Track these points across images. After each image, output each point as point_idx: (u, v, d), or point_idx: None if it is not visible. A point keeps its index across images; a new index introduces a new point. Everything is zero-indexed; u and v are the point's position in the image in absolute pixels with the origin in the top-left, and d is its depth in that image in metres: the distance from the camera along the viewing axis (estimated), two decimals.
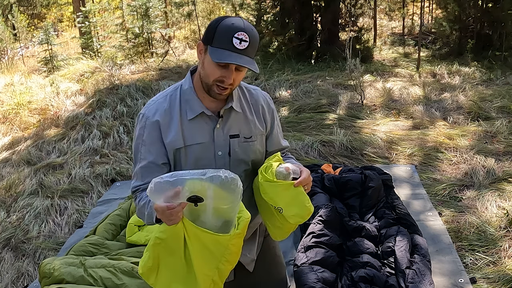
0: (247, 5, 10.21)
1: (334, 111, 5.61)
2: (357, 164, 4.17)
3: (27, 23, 16.55)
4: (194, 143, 1.60)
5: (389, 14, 12.81)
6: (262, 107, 1.73)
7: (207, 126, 1.62)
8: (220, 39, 1.48)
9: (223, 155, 1.64)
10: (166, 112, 1.61)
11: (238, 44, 1.47)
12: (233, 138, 1.64)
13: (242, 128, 1.66)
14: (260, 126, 1.71)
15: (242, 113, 1.67)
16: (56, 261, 2.50)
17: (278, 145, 1.79)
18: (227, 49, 1.48)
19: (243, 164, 1.67)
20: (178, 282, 1.49)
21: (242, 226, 1.47)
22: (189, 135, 1.60)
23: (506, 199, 3.39)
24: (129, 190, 3.82)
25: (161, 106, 1.62)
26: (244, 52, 1.49)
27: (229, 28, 1.48)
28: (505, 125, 4.73)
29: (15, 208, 3.91)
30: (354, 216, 2.94)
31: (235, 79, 1.55)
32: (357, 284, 2.31)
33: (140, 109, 5.85)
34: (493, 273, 2.64)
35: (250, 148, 1.68)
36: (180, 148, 1.60)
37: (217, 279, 1.50)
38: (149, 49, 9.98)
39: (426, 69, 7.41)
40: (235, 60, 1.47)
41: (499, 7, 7.86)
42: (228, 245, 1.45)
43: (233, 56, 1.47)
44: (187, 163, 1.61)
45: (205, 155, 1.62)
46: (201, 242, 1.44)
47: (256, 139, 1.69)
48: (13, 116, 6.37)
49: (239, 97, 1.68)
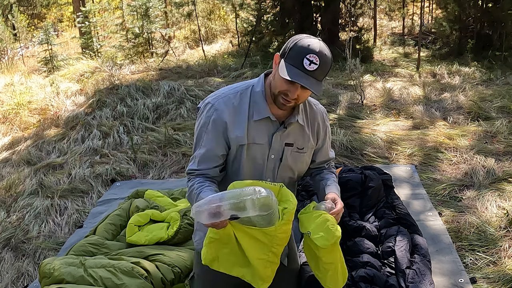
0: (247, 5, 10.21)
1: (334, 111, 5.61)
2: (357, 164, 4.17)
3: (27, 23, 16.56)
4: (254, 143, 1.72)
5: (389, 14, 12.81)
6: (318, 124, 1.86)
7: (268, 130, 1.74)
8: (293, 57, 1.59)
9: (275, 159, 1.77)
10: (235, 109, 1.71)
11: (308, 65, 1.56)
12: (287, 146, 1.77)
13: (298, 139, 1.79)
14: (312, 140, 1.84)
15: (303, 126, 1.80)
16: (56, 261, 2.50)
17: (326, 157, 1.95)
18: (297, 67, 1.57)
19: (289, 171, 1.82)
20: (238, 265, 1.67)
21: (287, 217, 1.62)
22: (252, 135, 1.72)
23: (506, 199, 3.39)
24: (129, 190, 3.84)
25: (230, 101, 1.73)
26: (312, 73, 1.57)
27: (304, 49, 1.58)
28: (505, 125, 4.73)
29: (15, 208, 3.91)
30: (354, 216, 2.94)
31: (300, 95, 1.64)
32: (357, 284, 2.31)
33: (140, 109, 5.88)
34: (493, 273, 2.64)
35: (300, 158, 1.82)
36: (243, 144, 1.71)
37: (273, 259, 1.67)
38: (149, 49, 9.99)
39: (426, 69, 7.41)
40: (299, 80, 1.57)
41: (499, 7, 7.87)
42: (276, 234, 1.61)
43: (300, 75, 1.57)
44: (246, 159, 1.74)
45: (260, 155, 1.75)
46: (249, 236, 1.60)
47: (307, 151, 1.83)
48: (13, 116, 6.37)
49: (303, 111, 1.80)
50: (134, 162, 4.62)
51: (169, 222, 2.96)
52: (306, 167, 1.88)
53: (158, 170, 4.45)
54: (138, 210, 3.11)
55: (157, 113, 5.92)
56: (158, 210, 3.12)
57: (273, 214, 1.58)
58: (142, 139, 5.14)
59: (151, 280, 2.35)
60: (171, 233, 2.80)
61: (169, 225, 2.92)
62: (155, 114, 5.88)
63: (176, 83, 6.73)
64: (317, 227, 1.66)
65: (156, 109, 5.98)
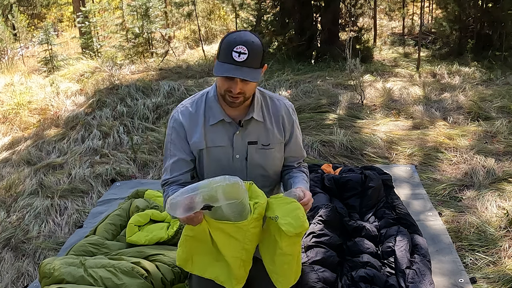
0: (247, 5, 10.20)
1: (334, 111, 5.60)
2: (357, 164, 4.17)
3: (27, 23, 16.55)
4: (214, 146, 1.79)
5: (389, 14, 12.81)
6: (282, 118, 1.86)
7: (227, 132, 1.79)
8: (223, 54, 1.62)
9: (240, 159, 1.81)
10: (192, 116, 1.80)
11: (237, 57, 1.59)
12: (251, 145, 1.80)
13: (261, 136, 1.81)
14: (278, 135, 1.84)
15: (262, 122, 1.81)
16: (56, 261, 2.50)
17: (295, 153, 1.94)
18: (228, 63, 1.60)
19: (260, 169, 1.84)
20: (212, 266, 1.70)
21: (258, 211, 1.64)
22: (210, 138, 1.78)
23: (506, 199, 3.39)
24: (129, 190, 3.84)
25: (187, 110, 1.82)
26: (243, 63, 1.60)
27: (230, 43, 1.61)
28: (505, 125, 4.73)
29: (15, 208, 3.91)
30: (354, 216, 2.94)
31: (243, 89, 1.67)
32: (357, 284, 2.31)
33: (140, 109, 5.88)
34: (493, 273, 2.64)
35: (268, 154, 1.83)
36: (202, 149, 1.78)
37: (246, 257, 1.68)
38: (149, 49, 9.98)
39: (426, 69, 7.41)
40: (231, 73, 1.60)
41: (499, 7, 7.86)
42: (248, 229, 1.63)
43: (232, 69, 1.60)
44: (209, 162, 1.81)
45: (224, 157, 1.80)
46: (224, 232, 1.63)
47: (274, 147, 1.84)
48: (13, 116, 6.37)
49: (261, 107, 1.82)
50: (134, 162, 4.62)
51: (169, 222, 2.96)
52: (279, 163, 1.88)
53: (158, 170, 4.45)
54: (138, 210, 3.11)
55: (157, 113, 5.92)
56: (158, 210, 3.12)
57: (244, 205, 1.61)
58: (142, 139, 5.14)
59: (151, 280, 2.35)
60: (171, 233, 2.80)
61: (169, 225, 2.92)
62: (155, 114, 5.88)
63: (176, 83, 6.73)
64: (286, 213, 1.64)
65: (156, 109, 5.98)
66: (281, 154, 1.87)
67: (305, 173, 1.95)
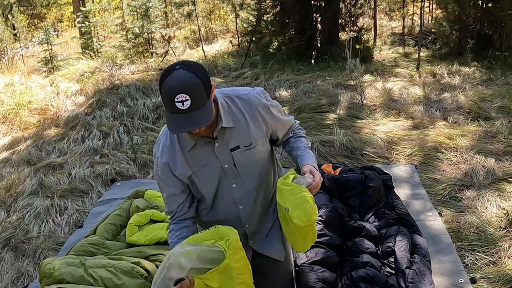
0: (247, 5, 10.20)
1: (334, 111, 5.61)
2: (357, 164, 4.17)
3: (27, 23, 16.55)
4: (200, 167, 1.76)
5: (389, 14, 12.80)
6: (257, 110, 1.79)
7: (207, 149, 1.75)
8: (167, 105, 1.55)
9: (230, 167, 1.78)
10: (170, 149, 1.76)
11: (182, 106, 1.53)
12: (234, 151, 1.77)
13: (240, 138, 1.77)
14: (258, 130, 1.79)
15: (235, 126, 1.75)
16: (56, 261, 2.50)
17: (286, 127, 1.92)
18: (175, 113, 1.55)
19: (251, 168, 1.82)
20: None
21: (233, 246, 1.70)
22: (193, 162, 1.75)
23: (506, 199, 3.39)
24: (129, 190, 3.84)
25: (164, 144, 1.78)
26: (190, 109, 1.53)
27: (168, 95, 1.53)
28: (505, 125, 4.73)
29: (15, 208, 3.91)
30: (354, 216, 2.94)
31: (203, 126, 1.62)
32: (357, 284, 2.31)
33: (140, 109, 5.88)
34: (493, 273, 2.64)
35: (253, 153, 1.80)
36: (190, 175, 1.77)
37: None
38: (149, 49, 9.98)
39: (426, 69, 7.41)
40: (183, 128, 1.56)
41: (499, 7, 7.86)
42: (231, 265, 1.69)
43: (180, 120, 1.54)
44: (202, 183, 1.80)
45: (213, 172, 1.78)
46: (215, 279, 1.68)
47: (256, 143, 1.80)
48: (13, 116, 6.37)
49: (229, 111, 1.75)
50: (134, 162, 4.62)
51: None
52: (266, 153, 1.86)
53: None
54: (138, 210, 3.11)
55: (157, 113, 5.92)
56: (158, 210, 3.12)
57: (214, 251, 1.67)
58: (142, 139, 5.14)
59: (151, 280, 2.34)
60: None
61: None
62: (155, 114, 5.88)
63: None
64: (296, 205, 1.69)
65: (156, 109, 5.98)
66: (265, 146, 1.84)
67: (302, 136, 1.94)
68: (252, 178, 1.83)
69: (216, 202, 1.84)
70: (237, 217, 1.86)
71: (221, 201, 1.83)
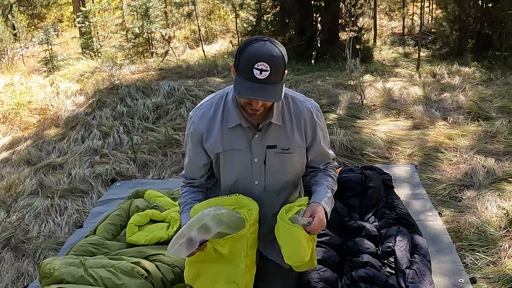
0: (247, 5, 10.20)
1: (334, 111, 5.61)
2: (357, 164, 4.17)
3: (27, 23, 16.55)
4: (232, 149, 1.73)
5: (389, 14, 12.81)
6: (304, 120, 1.77)
7: (245, 135, 1.73)
8: (243, 69, 1.54)
9: (258, 163, 1.75)
10: (210, 119, 1.74)
11: (259, 75, 1.51)
12: (270, 149, 1.74)
13: (281, 140, 1.74)
14: (299, 138, 1.76)
15: (282, 126, 1.73)
16: (56, 261, 2.50)
17: (320, 156, 1.85)
18: (249, 80, 1.52)
19: (278, 174, 1.78)
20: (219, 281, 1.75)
21: (253, 217, 1.72)
22: (228, 142, 1.73)
23: (506, 199, 3.39)
24: (129, 190, 3.84)
25: (206, 113, 1.75)
26: (265, 81, 1.52)
27: (250, 59, 1.52)
28: (505, 125, 4.73)
29: (15, 208, 3.91)
30: (354, 216, 2.94)
31: (265, 103, 1.61)
32: (357, 284, 2.31)
33: (140, 109, 5.88)
34: (493, 273, 2.64)
35: (287, 159, 1.76)
36: (219, 152, 1.74)
37: (249, 263, 1.76)
38: (149, 49, 9.99)
39: (426, 69, 7.41)
40: (252, 94, 1.53)
41: (499, 7, 7.86)
42: (247, 235, 1.71)
43: (253, 87, 1.52)
44: (226, 165, 1.76)
45: (242, 160, 1.75)
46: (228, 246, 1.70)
47: (294, 151, 1.76)
48: (13, 116, 6.37)
49: (281, 109, 1.74)
50: (134, 162, 4.62)
51: (169, 222, 2.96)
52: (300, 167, 1.82)
53: (158, 170, 4.45)
54: (138, 210, 3.11)
55: (157, 113, 5.92)
56: (158, 210, 3.12)
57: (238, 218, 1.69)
58: (142, 139, 5.14)
59: (151, 280, 2.35)
60: (171, 233, 2.80)
61: (169, 225, 2.92)
62: (155, 114, 5.88)
63: (176, 83, 6.73)
64: (288, 245, 1.69)
65: (156, 109, 5.98)
66: (302, 159, 1.80)
67: (331, 176, 1.87)
68: (276, 182, 1.79)
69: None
70: None
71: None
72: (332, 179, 1.86)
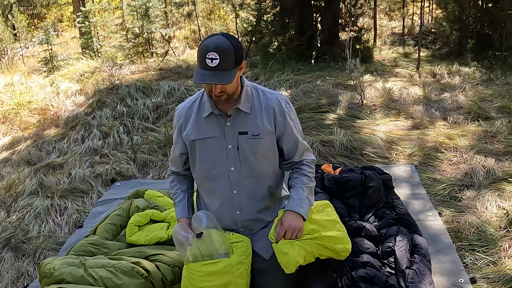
0: (247, 5, 10.20)
1: (334, 111, 5.60)
2: (357, 164, 4.17)
3: (27, 23, 16.55)
4: (207, 137, 1.92)
5: (389, 14, 12.81)
6: (273, 110, 1.95)
7: (219, 123, 1.92)
8: (199, 60, 1.77)
9: (232, 149, 1.92)
10: (187, 110, 1.99)
11: (210, 63, 1.73)
12: (241, 135, 1.92)
13: (251, 126, 1.92)
14: (268, 125, 1.93)
15: (251, 113, 1.93)
16: (56, 261, 2.50)
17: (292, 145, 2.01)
18: (203, 68, 1.76)
19: (251, 157, 1.94)
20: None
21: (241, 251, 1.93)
22: (202, 130, 1.93)
23: (506, 199, 3.39)
24: (129, 190, 3.84)
25: (186, 106, 2.01)
26: (216, 67, 1.74)
27: (202, 50, 1.76)
28: (505, 125, 4.73)
29: (15, 208, 3.91)
30: (354, 216, 2.94)
31: (223, 88, 1.81)
32: (357, 284, 2.31)
33: (140, 109, 5.88)
34: (493, 273, 2.64)
35: (258, 144, 1.93)
36: (194, 140, 1.94)
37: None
38: (149, 49, 9.98)
39: (426, 69, 7.41)
40: (204, 79, 1.76)
41: (499, 7, 7.86)
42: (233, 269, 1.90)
43: (206, 74, 1.75)
44: (202, 153, 1.95)
45: (217, 147, 1.93)
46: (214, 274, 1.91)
47: (264, 137, 1.93)
48: (13, 116, 6.37)
49: (250, 99, 1.94)
50: (134, 162, 4.62)
51: (169, 222, 2.96)
52: (271, 153, 1.98)
53: (158, 170, 4.45)
54: (138, 210, 3.11)
55: (157, 113, 5.92)
56: (158, 210, 3.12)
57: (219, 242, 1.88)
58: (142, 139, 5.14)
59: (151, 280, 2.35)
60: (171, 233, 2.80)
61: (169, 225, 2.92)
62: (155, 114, 5.88)
63: (176, 83, 6.73)
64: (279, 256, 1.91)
65: (156, 109, 5.98)
66: (272, 145, 1.97)
67: (306, 175, 2.02)
68: (250, 167, 1.94)
69: (214, 182, 1.96)
70: (231, 201, 1.96)
71: (219, 182, 1.94)
72: (308, 177, 2.03)
